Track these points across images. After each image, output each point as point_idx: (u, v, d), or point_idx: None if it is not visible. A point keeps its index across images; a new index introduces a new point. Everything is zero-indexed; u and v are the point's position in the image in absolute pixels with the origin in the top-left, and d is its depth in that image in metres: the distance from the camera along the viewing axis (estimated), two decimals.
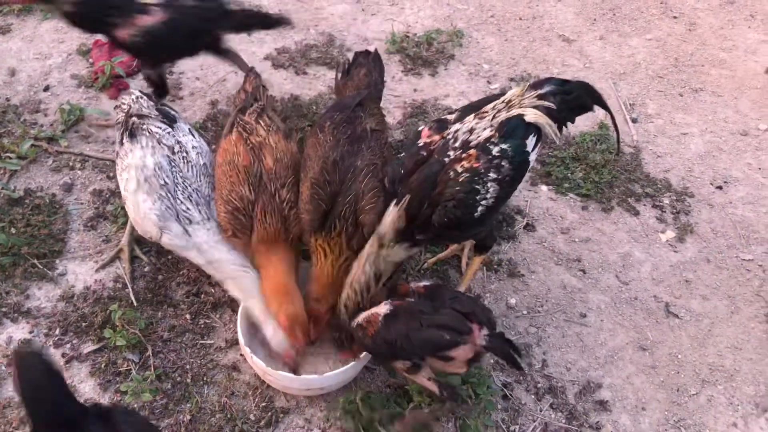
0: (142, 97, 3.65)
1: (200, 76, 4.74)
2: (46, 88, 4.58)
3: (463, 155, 3.01)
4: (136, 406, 3.18)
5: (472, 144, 3.04)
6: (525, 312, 3.67)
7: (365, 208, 3.18)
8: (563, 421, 3.28)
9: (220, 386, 3.28)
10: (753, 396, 3.43)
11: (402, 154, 3.18)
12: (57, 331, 3.42)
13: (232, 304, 3.54)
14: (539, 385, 3.39)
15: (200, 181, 3.37)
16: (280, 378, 3.10)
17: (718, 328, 3.67)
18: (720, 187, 4.32)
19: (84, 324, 3.44)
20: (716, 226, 4.12)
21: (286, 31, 5.05)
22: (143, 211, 3.23)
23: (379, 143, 3.43)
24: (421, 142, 3.13)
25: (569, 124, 3.35)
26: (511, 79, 4.86)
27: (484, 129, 3.07)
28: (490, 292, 3.72)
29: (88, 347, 3.37)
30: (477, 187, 2.98)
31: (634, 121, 4.69)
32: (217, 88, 4.66)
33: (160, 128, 3.46)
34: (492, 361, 3.45)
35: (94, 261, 3.72)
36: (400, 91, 4.76)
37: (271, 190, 3.29)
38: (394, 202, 2.97)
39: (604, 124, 4.56)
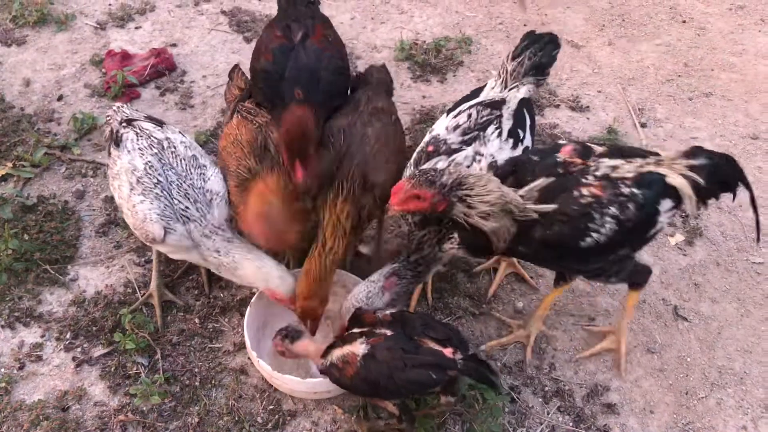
0: (123, 106, 3.58)
1: (211, 85, 4.80)
2: (60, 98, 4.65)
3: (595, 183, 2.84)
4: (145, 408, 3.21)
5: (604, 177, 2.87)
6: None
7: (378, 169, 3.20)
8: (571, 424, 3.27)
9: (228, 389, 3.30)
10: (763, 399, 3.39)
11: (535, 157, 2.99)
12: (68, 335, 3.46)
13: (241, 308, 3.57)
14: (546, 388, 3.38)
15: (191, 173, 3.26)
16: (286, 381, 3.12)
17: (728, 331, 3.65)
18: None
19: (95, 328, 3.49)
20: (726, 229, 4.10)
21: None
22: (142, 213, 3.12)
23: (390, 118, 3.50)
24: (560, 158, 2.93)
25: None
26: None
27: (628, 172, 2.90)
28: (497, 296, 3.73)
29: (99, 351, 3.41)
30: (593, 214, 2.79)
31: (643, 125, 4.68)
32: None
33: (150, 126, 3.40)
34: (500, 364, 3.45)
35: (105, 267, 3.77)
36: (408, 97, 4.79)
37: (278, 157, 3.29)
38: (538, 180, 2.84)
39: (612, 129, 4.56)
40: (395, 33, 5.27)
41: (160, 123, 3.47)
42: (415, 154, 3.26)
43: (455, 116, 3.28)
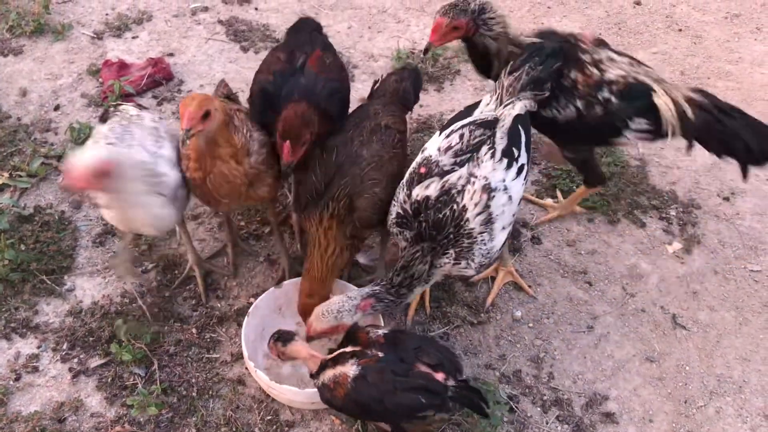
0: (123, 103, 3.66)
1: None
2: (57, 108, 4.65)
3: (586, 71, 3.29)
4: (142, 419, 3.20)
5: (601, 67, 3.30)
6: (531, 324, 3.66)
7: (362, 194, 3.21)
8: None
9: (226, 400, 3.29)
10: (762, 408, 3.39)
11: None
12: (64, 346, 3.45)
13: (238, 318, 3.56)
14: (545, 398, 3.38)
15: (147, 139, 3.26)
16: (284, 391, 3.11)
17: (726, 339, 3.64)
18: (727, 199, 4.31)
19: (91, 339, 3.47)
20: (723, 237, 4.10)
21: None
22: (90, 155, 2.99)
23: (391, 139, 3.45)
24: (576, 33, 3.48)
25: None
26: None
27: (621, 76, 3.29)
28: (495, 305, 3.72)
29: (95, 361, 3.40)
30: (561, 97, 3.28)
31: None
32: None
33: (131, 106, 3.48)
34: (498, 374, 3.44)
35: (101, 277, 3.76)
36: None
37: (243, 129, 3.33)
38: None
39: None
40: (392, 42, 5.28)
41: (144, 108, 3.56)
42: (407, 175, 3.21)
43: (447, 136, 3.21)
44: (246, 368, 3.35)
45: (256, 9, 5.55)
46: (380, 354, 2.85)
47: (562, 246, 4.01)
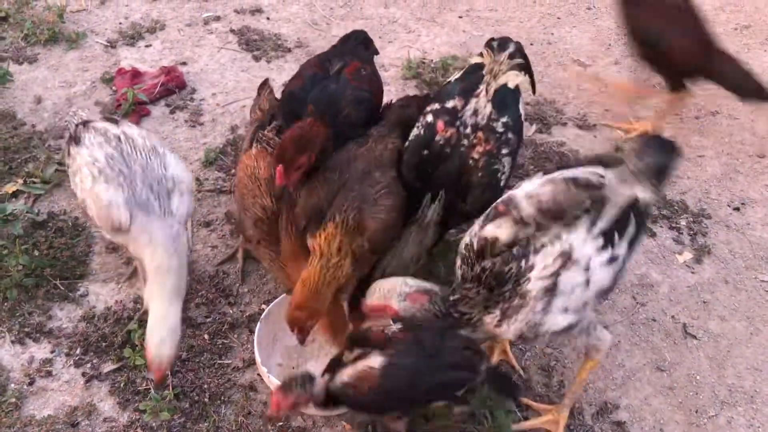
0: (79, 110, 3.65)
1: (220, 102, 4.84)
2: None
3: (474, 140, 3.27)
4: (154, 424, 3.21)
5: (480, 126, 3.29)
6: None
7: (375, 217, 3.14)
8: None
9: (237, 405, 3.30)
10: None
11: (425, 152, 3.32)
12: (78, 351, 3.47)
13: (250, 324, 3.58)
14: None
15: (151, 160, 3.23)
16: None
17: (737, 349, 3.64)
18: (737, 209, 4.31)
19: (104, 344, 3.49)
20: (734, 247, 4.10)
21: (303, 58, 5.15)
22: (107, 199, 3.09)
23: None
24: (440, 139, 3.30)
25: None
26: (527, 104, 4.89)
27: (485, 106, 3.33)
28: None
29: (108, 366, 3.42)
30: (497, 167, 3.25)
31: None
32: (238, 114, 4.75)
33: (106, 124, 3.42)
34: None
35: (115, 283, 3.78)
36: None
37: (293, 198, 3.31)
38: (429, 197, 3.24)
39: (620, 147, 4.58)
40: (403, 52, 5.31)
41: (114, 121, 3.53)
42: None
43: (543, 185, 2.85)
44: (258, 374, 3.37)
45: (268, 18, 5.60)
46: (404, 343, 2.79)
47: None
